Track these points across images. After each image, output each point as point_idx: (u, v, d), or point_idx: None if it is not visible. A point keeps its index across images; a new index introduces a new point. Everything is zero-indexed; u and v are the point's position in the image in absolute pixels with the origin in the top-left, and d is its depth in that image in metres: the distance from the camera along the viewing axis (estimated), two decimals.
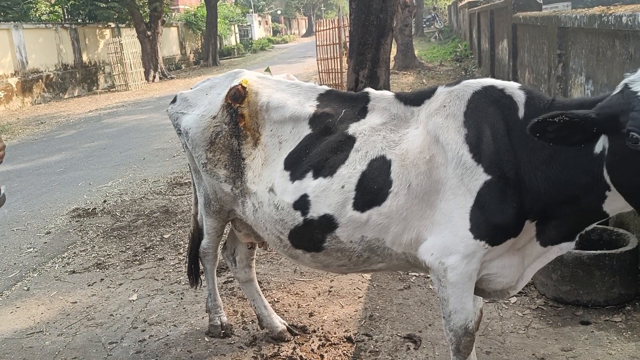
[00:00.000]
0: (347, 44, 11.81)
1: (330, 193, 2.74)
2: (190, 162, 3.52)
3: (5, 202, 3.09)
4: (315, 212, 2.79)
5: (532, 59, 8.34)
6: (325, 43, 16.98)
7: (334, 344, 3.77)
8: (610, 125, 2.07)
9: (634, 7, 4.35)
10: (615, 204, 2.29)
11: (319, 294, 4.51)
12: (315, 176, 2.79)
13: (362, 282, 4.65)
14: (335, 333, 3.90)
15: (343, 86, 13.63)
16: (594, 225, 2.56)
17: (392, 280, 4.61)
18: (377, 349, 3.68)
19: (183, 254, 5.56)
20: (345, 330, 3.93)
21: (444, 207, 2.54)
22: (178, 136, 3.54)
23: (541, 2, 9.43)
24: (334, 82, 16.26)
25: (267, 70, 5.24)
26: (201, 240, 3.73)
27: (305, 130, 2.94)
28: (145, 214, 6.96)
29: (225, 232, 3.75)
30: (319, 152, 2.84)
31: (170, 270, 5.21)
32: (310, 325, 4.01)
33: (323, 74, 17.22)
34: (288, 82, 3.20)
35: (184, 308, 4.43)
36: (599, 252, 3.90)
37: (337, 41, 16.28)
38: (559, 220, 2.48)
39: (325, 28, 17.34)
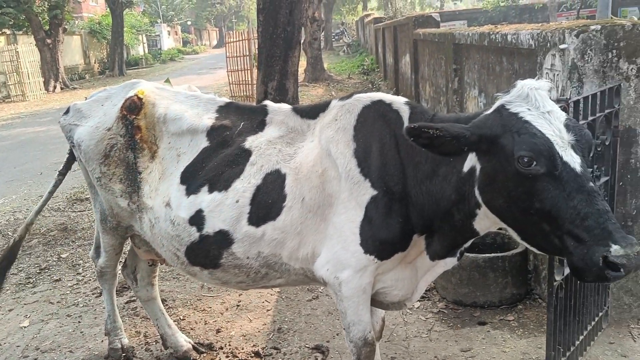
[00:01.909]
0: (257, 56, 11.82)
1: (225, 208, 2.69)
2: (84, 176, 3.35)
3: None
4: (210, 227, 2.73)
5: (432, 73, 8.75)
6: (235, 55, 16.91)
7: None
8: (485, 146, 2.12)
9: (517, 26, 4.68)
10: (484, 222, 2.35)
11: (227, 309, 4.44)
12: (210, 190, 2.74)
13: (271, 294, 4.62)
14: (242, 348, 3.84)
15: (253, 98, 13.58)
16: (470, 242, 2.60)
17: (301, 292, 4.62)
18: None
19: (82, 274, 5.28)
20: (253, 345, 3.88)
21: (337, 221, 2.56)
22: (72, 149, 3.36)
23: (439, 20, 9.93)
24: (244, 93, 16.20)
25: (167, 81, 5.10)
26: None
27: (203, 143, 2.88)
28: (41, 232, 6.54)
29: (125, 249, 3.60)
30: (215, 165, 2.79)
31: (68, 292, 4.92)
32: (217, 342, 3.93)
33: (234, 85, 17.12)
34: (187, 93, 3.13)
35: (81, 332, 4.19)
36: (492, 255, 4.13)
37: (247, 53, 16.27)
38: (440, 235, 2.53)
39: (235, 40, 17.28)
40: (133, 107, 2.99)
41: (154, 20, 52.63)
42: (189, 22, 70.70)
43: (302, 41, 14.10)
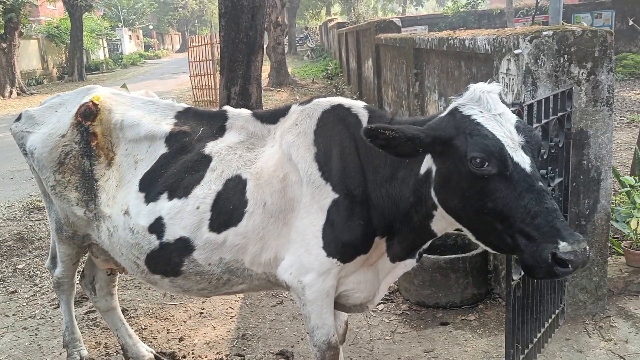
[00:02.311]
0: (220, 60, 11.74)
1: (185, 214, 2.66)
2: (38, 184, 3.26)
3: None
4: (170, 235, 2.69)
5: (394, 77, 8.85)
6: (198, 59, 16.77)
7: None
8: (440, 148, 2.16)
9: (475, 31, 4.78)
10: (441, 223, 2.40)
11: (190, 317, 4.38)
12: (170, 197, 2.71)
13: (235, 301, 4.58)
14: (206, 356, 3.80)
15: (217, 103, 13.48)
16: (428, 243, 2.65)
17: (265, 297, 4.60)
18: None
19: (39, 285, 5.13)
20: (217, 353, 3.84)
21: (299, 225, 2.56)
22: (24, 157, 3.26)
23: (400, 25, 10.07)
24: (207, 98, 16.06)
25: (124, 86, 5.01)
26: None
27: (161, 150, 2.84)
28: None
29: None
30: (174, 172, 2.75)
31: (24, 304, 4.77)
32: (180, 351, 3.88)
33: (197, 90, 16.96)
34: (145, 99, 3.08)
35: (38, 345, 4.07)
36: (453, 256, 4.20)
37: (210, 57, 16.15)
38: (400, 237, 2.57)
39: (198, 44, 17.14)
40: (88, 114, 2.93)
41: (114, 24, 51.64)
42: (150, 26, 69.69)
43: (265, 46, 14.07)
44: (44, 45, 32.84)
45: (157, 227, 2.71)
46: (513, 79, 3.78)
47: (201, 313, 4.43)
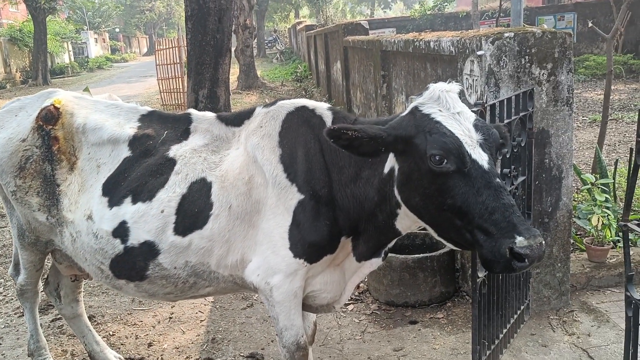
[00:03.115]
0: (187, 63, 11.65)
1: (150, 218, 2.64)
2: None
3: None
4: (135, 239, 2.67)
5: (362, 79, 8.92)
6: (165, 62, 16.59)
7: None
8: (401, 146, 2.20)
9: (440, 33, 4.85)
10: (404, 221, 2.44)
11: (159, 322, 4.33)
12: (134, 201, 2.68)
13: (205, 304, 4.55)
14: None
15: (185, 106, 13.36)
16: (393, 242, 2.68)
17: (235, 300, 4.58)
18: None
19: (3, 294, 5.01)
20: (187, 357, 3.81)
21: (265, 227, 2.57)
22: None
23: (368, 27, 10.14)
24: (176, 102, 15.90)
25: (86, 90, 4.93)
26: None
27: (125, 153, 2.81)
28: None
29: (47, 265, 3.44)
30: (138, 175, 2.72)
31: None
32: (149, 356, 3.83)
33: (165, 94, 16.78)
34: (108, 102, 3.04)
35: (2, 354, 3.97)
36: (421, 255, 4.25)
37: (178, 61, 16.00)
38: (365, 237, 2.60)
39: (165, 47, 16.96)
40: (49, 117, 2.87)
41: (79, 27, 50.68)
42: (117, 29, 68.61)
43: (233, 49, 14.01)
44: (6, 49, 32.00)
45: (121, 231, 2.68)
46: (476, 79, 3.85)
47: (170, 318, 4.39)
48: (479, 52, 3.75)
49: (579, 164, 7.13)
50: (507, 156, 3.21)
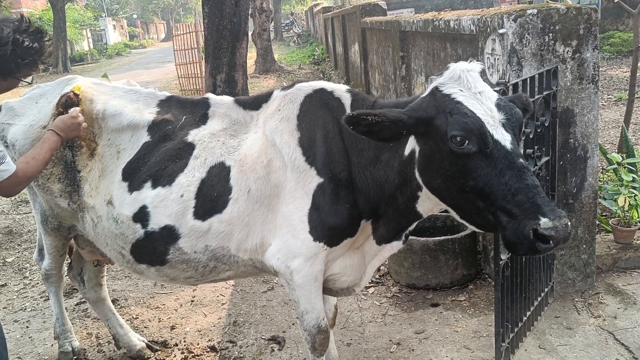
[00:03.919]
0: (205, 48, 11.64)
1: (170, 203, 2.64)
2: None
3: None
4: (155, 223, 2.68)
5: (380, 60, 8.81)
6: (183, 48, 16.61)
7: (197, 355, 3.67)
8: (422, 128, 2.16)
9: (459, 12, 4.76)
10: (426, 204, 2.40)
11: (181, 306, 4.38)
12: (154, 186, 2.68)
13: (226, 288, 4.58)
14: (198, 344, 3.80)
15: (203, 91, 13.39)
16: (414, 224, 2.66)
17: (256, 284, 4.60)
18: (242, 355, 3.64)
19: (29, 278, 5.10)
20: (209, 340, 3.84)
21: (285, 211, 2.55)
22: (6, 150, 3.21)
23: (386, 8, 10.00)
24: (194, 87, 15.93)
25: (105, 76, 4.96)
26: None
27: (144, 138, 2.81)
28: None
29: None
30: (157, 160, 2.73)
31: (14, 297, 4.74)
32: (171, 339, 3.87)
33: (183, 79, 16.82)
34: (126, 88, 3.04)
35: (30, 337, 4.05)
36: (442, 238, 4.21)
37: (195, 46, 15.99)
38: (385, 219, 2.57)
39: (183, 32, 16.96)
40: (69, 104, 2.88)
41: (98, 14, 51.00)
42: (134, 16, 68.89)
43: (250, 32, 13.95)
44: None
45: (141, 216, 2.69)
46: (498, 58, 3.76)
47: (192, 301, 4.43)
48: (501, 31, 3.66)
49: (605, 144, 6.98)
50: (531, 136, 3.15)
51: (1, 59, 2.34)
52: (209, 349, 3.72)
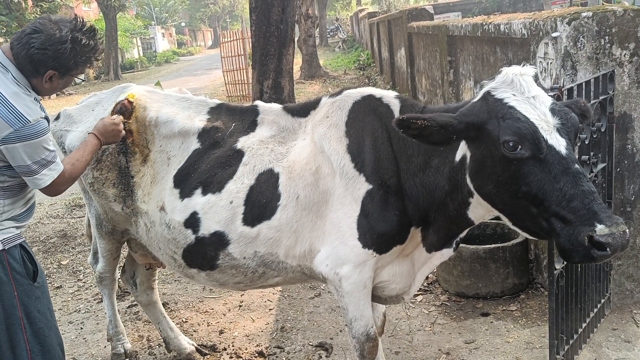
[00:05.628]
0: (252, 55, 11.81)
1: (219, 209, 2.69)
2: (78, 182, 3.33)
3: None
4: (205, 229, 2.72)
5: (427, 65, 8.72)
6: (230, 54, 16.88)
7: None
8: (473, 133, 2.13)
9: (510, 15, 4.65)
10: (477, 210, 2.35)
11: (229, 310, 4.43)
12: (204, 192, 2.73)
13: (273, 293, 4.61)
14: (246, 349, 3.83)
15: (250, 97, 13.57)
16: (465, 232, 2.62)
17: (303, 290, 4.61)
18: None
19: (83, 280, 5.27)
20: (257, 345, 3.87)
21: (333, 217, 2.55)
22: (64, 155, 3.34)
23: (433, 12, 9.90)
24: (240, 93, 16.17)
25: (158, 84, 5.09)
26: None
27: (194, 145, 2.87)
28: (41, 240, 6.53)
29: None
30: (207, 167, 2.78)
31: (69, 298, 4.91)
32: (220, 343, 3.92)
33: (230, 85, 17.09)
34: (178, 95, 3.11)
35: (84, 338, 4.18)
36: (493, 245, 4.11)
37: (242, 52, 16.24)
38: (436, 227, 2.53)
39: (229, 40, 17.25)
40: (124, 111, 2.97)
41: (147, 22, 52.44)
42: (183, 24, 70.57)
43: (296, 38, 14.06)
44: None
45: (192, 222, 2.74)
46: (551, 62, 3.66)
47: (240, 306, 4.47)
48: (554, 34, 3.56)
49: None
50: (586, 142, 3.04)
51: (61, 57, 2.40)
52: (257, 354, 3.75)
